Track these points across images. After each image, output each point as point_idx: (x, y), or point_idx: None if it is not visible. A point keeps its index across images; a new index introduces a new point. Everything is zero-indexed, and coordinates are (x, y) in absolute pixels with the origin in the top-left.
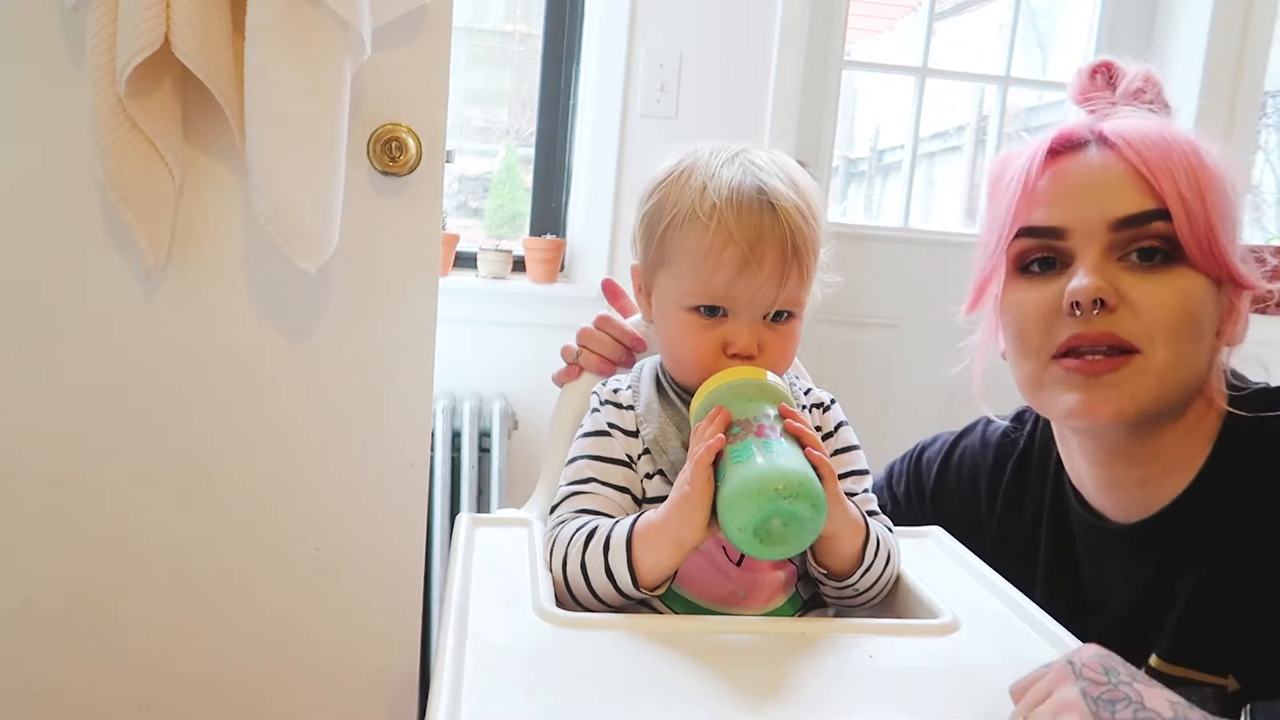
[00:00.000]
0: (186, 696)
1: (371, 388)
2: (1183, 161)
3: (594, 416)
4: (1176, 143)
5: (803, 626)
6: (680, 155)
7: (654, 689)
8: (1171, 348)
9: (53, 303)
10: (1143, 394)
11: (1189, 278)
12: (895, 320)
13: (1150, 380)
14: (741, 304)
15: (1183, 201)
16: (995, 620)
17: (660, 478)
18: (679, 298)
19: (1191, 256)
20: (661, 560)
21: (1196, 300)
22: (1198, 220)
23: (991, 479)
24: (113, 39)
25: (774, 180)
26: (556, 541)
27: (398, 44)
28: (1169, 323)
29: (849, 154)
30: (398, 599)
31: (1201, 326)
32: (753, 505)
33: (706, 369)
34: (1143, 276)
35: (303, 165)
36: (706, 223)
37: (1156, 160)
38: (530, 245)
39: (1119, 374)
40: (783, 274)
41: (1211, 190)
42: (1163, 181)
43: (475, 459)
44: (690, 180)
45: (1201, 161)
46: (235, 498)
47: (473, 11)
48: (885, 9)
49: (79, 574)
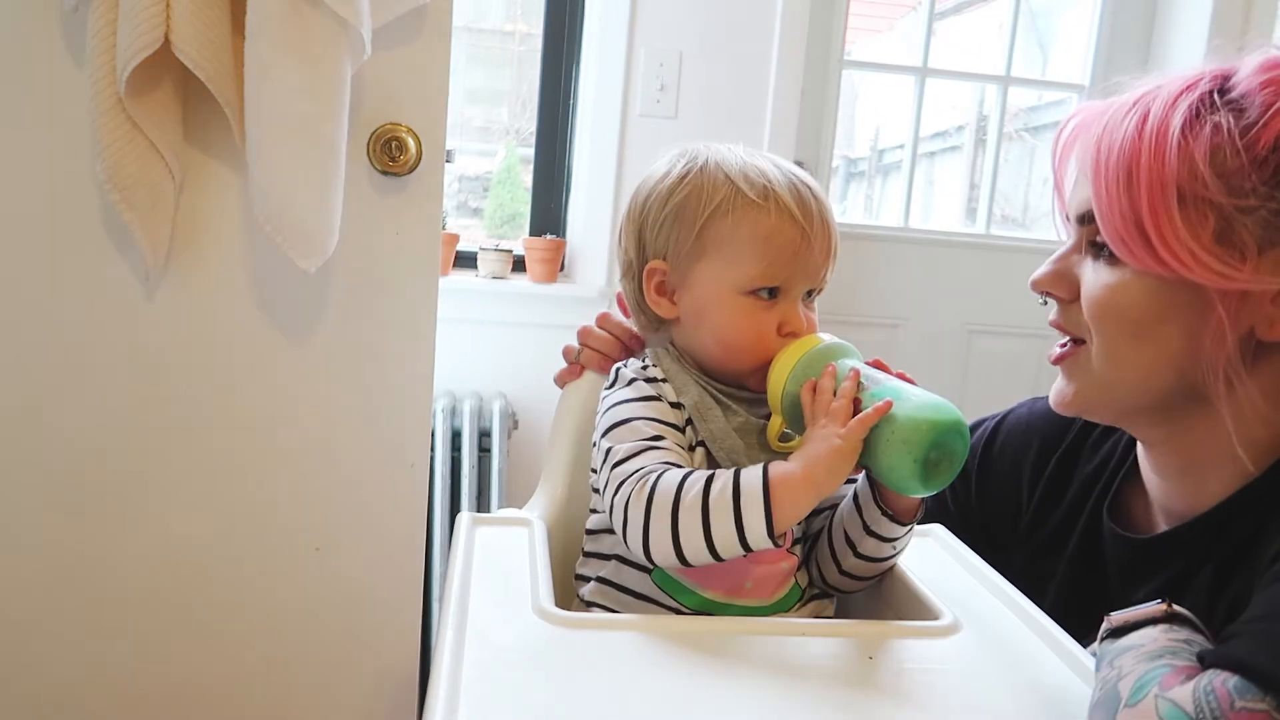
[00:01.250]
0: (186, 696)
1: (371, 388)
2: (1120, 147)
3: (634, 386)
4: (1133, 120)
5: (803, 627)
6: (682, 154)
7: (653, 689)
8: (1102, 339)
9: (53, 302)
10: (1085, 386)
11: (1132, 275)
12: (895, 320)
13: (1091, 372)
14: (796, 282)
15: (1104, 198)
16: (997, 622)
17: (703, 449)
18: (735, 282)
19: (1117, 253)
20: (798, 511)
21: (1124, 296)
22: (1118, 219)
23: (1035, 466)
24: (113, 39)
25: (795, 168)
26: (659, 488)
27: (398, 44)
28: (1093, 317)
29: (849, 154)
30: (398, 599)
31: (1144, 325)
32: (924, 439)
33: (765, 351)
34: (1093, 267)
35: (303, 165)
36: (763, 204)
37: (1100, 151)
38: (530, 245)
39: (1068, 364)
40: (828, 252)
41: (1150, 180)
42: (1097, 176)
43: (475, 459)
44: (719, 171)
45: (1148, 140)
46: (235, 497)
47: (473, 11)
48: (885, 9)
49: (79, 573)
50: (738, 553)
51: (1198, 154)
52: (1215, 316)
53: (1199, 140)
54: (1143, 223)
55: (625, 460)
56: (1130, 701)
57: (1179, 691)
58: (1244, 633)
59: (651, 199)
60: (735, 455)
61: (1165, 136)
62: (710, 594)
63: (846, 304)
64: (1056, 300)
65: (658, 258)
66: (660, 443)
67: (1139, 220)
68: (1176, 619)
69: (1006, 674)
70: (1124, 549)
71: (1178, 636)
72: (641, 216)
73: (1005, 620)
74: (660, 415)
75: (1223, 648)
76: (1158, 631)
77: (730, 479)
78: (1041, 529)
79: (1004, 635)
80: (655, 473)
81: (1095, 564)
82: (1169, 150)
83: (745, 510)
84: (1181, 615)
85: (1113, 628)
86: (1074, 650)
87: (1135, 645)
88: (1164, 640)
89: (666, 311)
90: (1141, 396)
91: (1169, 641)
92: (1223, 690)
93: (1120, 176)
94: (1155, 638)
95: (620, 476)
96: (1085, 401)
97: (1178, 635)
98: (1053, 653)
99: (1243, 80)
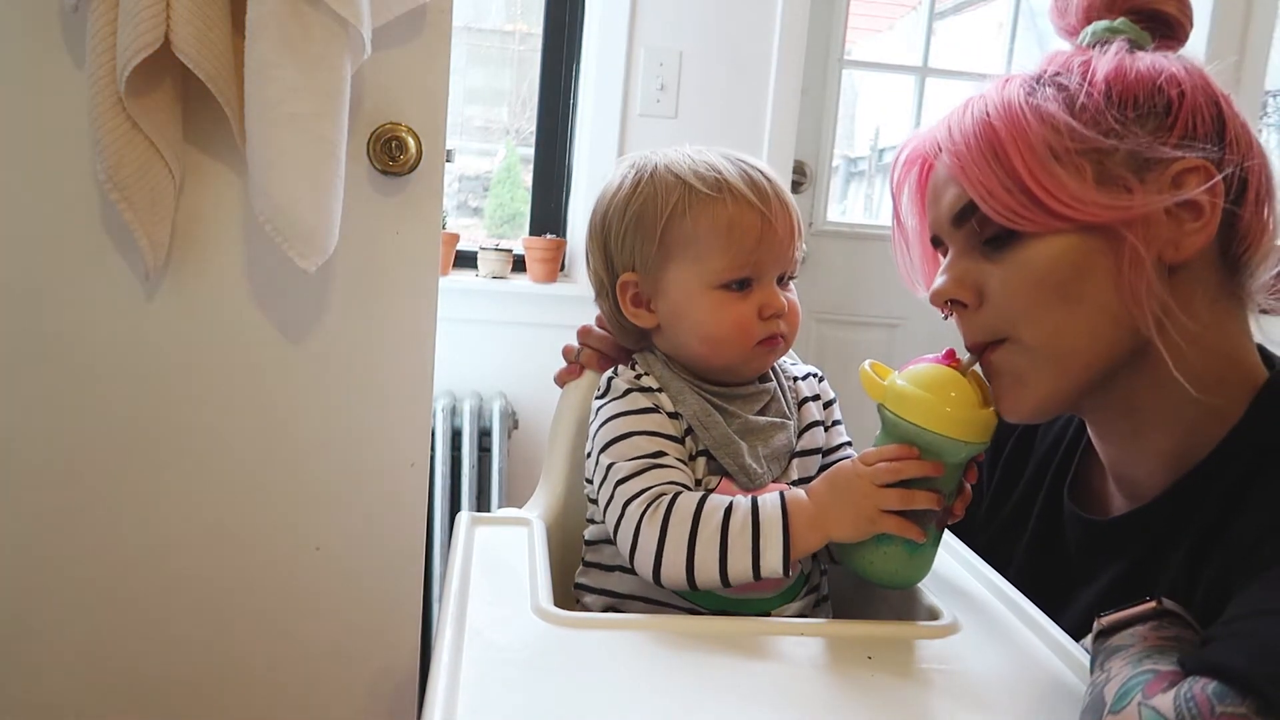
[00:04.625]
0: (186, 696)
1: (371, 387)
2: (973, 132)
3: (630, 397)
4: (974, 111)
5: (803, 627)
6: (629, 165)
7: (651, 689)
8: (1036, 323)
9: (53, 302)
10: (1034, 377)
11: (1035, 247)
12: (895, 320)
13: (1034, 359)
14: (766, 267)
15: (979, 181)
16: (997, 622)
17: (705, 459)
18: (705, 278)
19: (1018, 228)
20: (810, 549)
21: (1043, 266)
22: (1000, 191)
23: (991, 454)
24: (113, 39)
25: (744, 156)
26: (675, 513)
27: (398, 44)
28: (1020, 303)
29: (849, 153)
30: (398, 599)
31: (1069, 287)
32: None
33: (749, 339)
34: (995, 264)
35: (303, 165)
36: (717, 196)
37: (954, 144)
38: (530, 245)
39: (995, 366)
40: (793, 233)
41: (1018, 145)
42: (961, 166)
43: (475, 458)
44: (668, 173)
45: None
46: (235, 497)
47: (473, 11)
48: (885, 8)
49: (78, 572)
50: (748, 580)
51: (1054, 110)
52: (1127, 247)
53: (1047, 101)
54: (1027, 186)
55: (629, 479)
56: (1114, 708)
57: (1161, 700)
58: (1222, 635)
59: (610, 213)
60: (739, 458)
61: (1014, 108)
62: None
63: (846, 304)
64: (961, 309)
65: (627, 270)
66: (662, 459)
67: (1023, 185)
68: (1166, 615)
69: (1006, 673)
70: (1084, 531)
71: (1167, 634)
72: (604, 233)
73: (1005, 620)
74: (659, 428)
75: (1201, 653)
76: (1147, 629)
77: (749, 512)
78: (1000, 511)
79: (1004, 635)
80: (668, 495)
81: (1054, 547)
82: (1024, 117)
83: (764, 545)
84: (1171, 611)
85: (1103, 627)
86: (1073, 650)
87: (1125, 646)
88: (1153, 639)
89: (646, 321)
90: (1092, 362)
91: (1158, 640)
92: (1202, 697)
93: (989, 156)
94: (1145, 636)
95: (626, 496)
96: (1042, 393)
97: (1167, 633)
98: (1052, 652)
99: (1046, 67)
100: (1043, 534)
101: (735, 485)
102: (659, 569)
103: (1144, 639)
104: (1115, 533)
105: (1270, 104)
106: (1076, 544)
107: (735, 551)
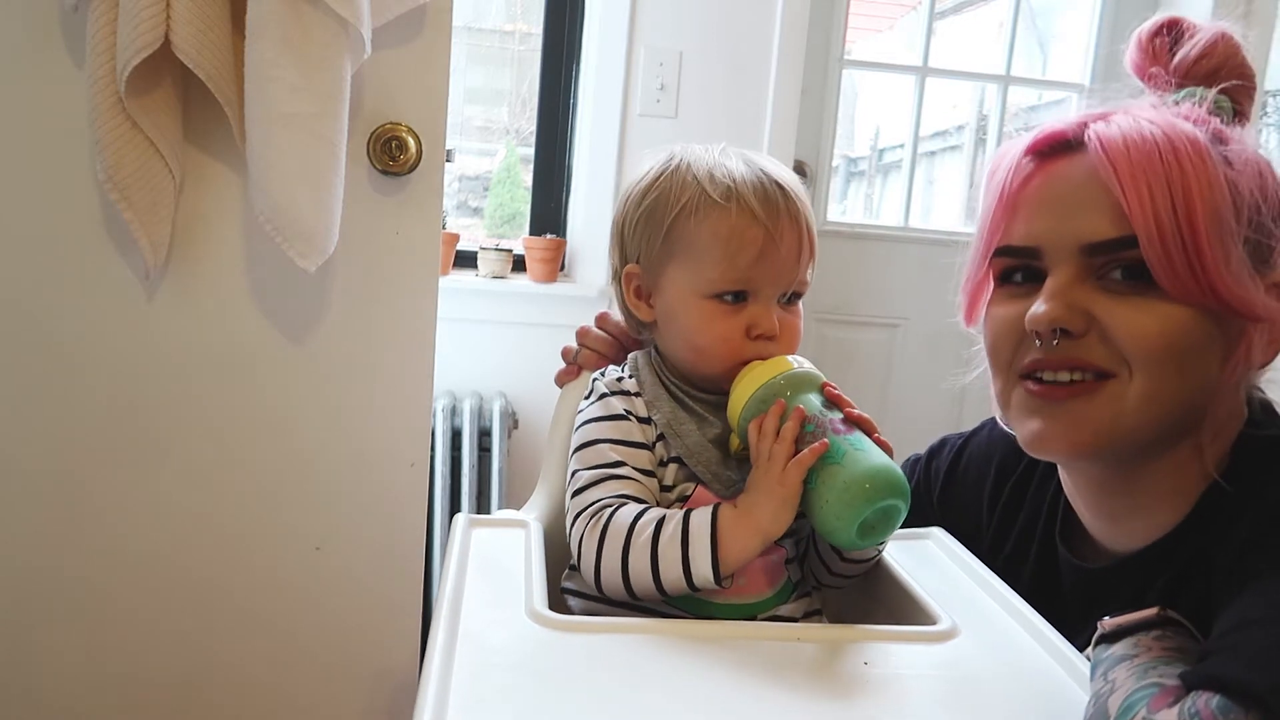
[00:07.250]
0: (186, 696)
1: (371, 387)
2: (1165, 178)
3: (605, 402)
4: (1166, 151)
5: (799, 631)
6: (664, 155)
7: (644, 693)
8: (1150, 377)
9: (53, 302)
10: (1110, 425)
11: (1167, 303)
12: (895, 320)
13: (1123, 409)
14: (764, 285)
15: (1157, 229)
16: (995, 627)
17: (676, 465)
18: (698, 286)
19: (1165, 288)
20: (745, 554)
21: (1181, 327)
22: (1174, 250)
23: (992, 494)
24: (113, 39)
25: (771, 165)
26: (612, 525)
27: (398, 44)
28: (1145, 350)
29: (849, 153)
30: (398, 599)
31: (1189, 357)
32: (859, 506)
33: (733, 355)
34: (1122, 299)
35: (303, 164)
36: (725, 205)
37: (1132, 176)
38: (530, 245)
39: (1082, 402)
40: (799, 252)
41: (1202, 210)
42: (1134, 204)
43: (475, 458)
44: (689, 172)
45: (1195, 175)
46: (235, 497)
47: (473, 11)
48: (885, 8)
49: (78, 572)
50: (684, 591)
51: (1241, 184)
52: (1245, 341)
53: (1234, 173)
54: (1203, 255)
55: (584, 489)
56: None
57: (1166, 715)
58: (1219, 648)
59: (629, 201)
60: (713, 467)
61: (1206, 163)
62: (702, 593)
63: (846, 304)
64: (1067, 334)
65: (633, 261)
66: (619, 469)
67: (1199, 252)
68: (1170, 624)
69: (1004, 679)
70: (1079, 577)
71: (1170, 645)
72: (621, 219)
73: (1004, 625)
74: (626, 436)
75: (1201, 666)
76: (1151, 639)
77: (680, 523)
78: (998, 556)
79: (1002, 640)
80: (610, 508)
81: (1051, 592)
82: (1218, 179)
83: (693, 554)
84: (1175, 620)
85: (1105, 633)
86: (1072, 656)
87: (1129, 655)
88: (1158, 650)
89: (645, 315)
90: (1158, 429)
91: (1162, 651)
92: (1207, 711)
93: (1177, 207)
94: (1149, 646)
95: (578, 507)
96: (1108, 445)
97: (1170, 643)
98: (1051, 658)
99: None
100: (1040, 578)
101: (710, 493)
102: (599, 579)
103: (1148, 649)
104: (1108, 578)
105: (1270, 104)
106: (1073, 589)
107: (666, 561)
